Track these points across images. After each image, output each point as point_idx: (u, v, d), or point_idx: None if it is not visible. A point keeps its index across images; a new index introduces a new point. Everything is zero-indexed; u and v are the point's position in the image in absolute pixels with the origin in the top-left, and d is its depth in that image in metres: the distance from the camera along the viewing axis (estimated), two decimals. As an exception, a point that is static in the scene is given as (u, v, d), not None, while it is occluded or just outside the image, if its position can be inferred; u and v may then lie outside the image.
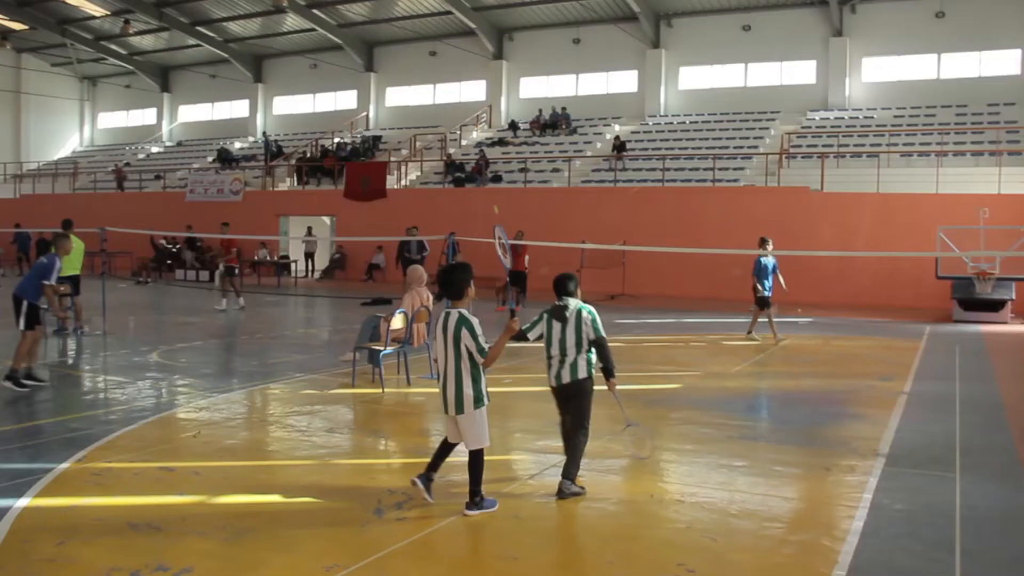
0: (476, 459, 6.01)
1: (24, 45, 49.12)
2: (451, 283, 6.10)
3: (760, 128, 32.29)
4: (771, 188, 26.93)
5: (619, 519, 6.15)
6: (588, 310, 6.66)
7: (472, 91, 40.06)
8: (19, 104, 51.23)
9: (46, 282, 10.72)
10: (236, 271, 21.23)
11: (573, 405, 6.66)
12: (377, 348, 10.86)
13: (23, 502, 6.11)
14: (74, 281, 15.57)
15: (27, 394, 10.23)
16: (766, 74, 34.19)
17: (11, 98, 50.78)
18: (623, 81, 36.96)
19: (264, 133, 44.04)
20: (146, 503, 6.21)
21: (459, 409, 5.96)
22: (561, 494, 6.48)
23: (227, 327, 17.92)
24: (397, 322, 10.87)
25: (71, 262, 15.54)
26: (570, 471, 6.58)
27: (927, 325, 19.39)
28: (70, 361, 13.25)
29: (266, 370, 12.27)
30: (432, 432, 9.02)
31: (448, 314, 5.98)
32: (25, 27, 45.96)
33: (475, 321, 5.94)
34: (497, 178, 32.21)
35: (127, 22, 41.34)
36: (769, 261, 15.97)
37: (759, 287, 15.95)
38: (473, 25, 37.21)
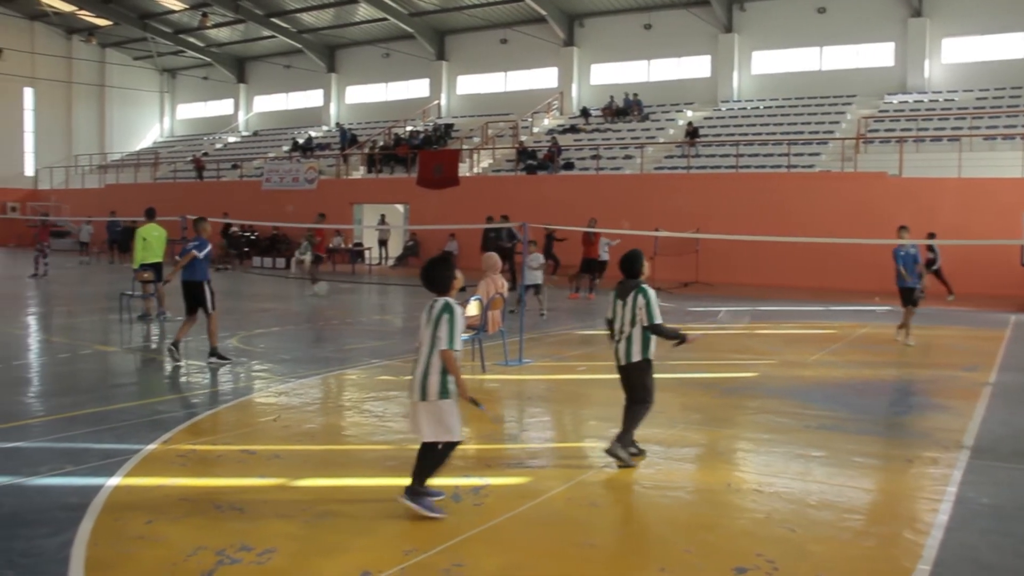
0: (428, 454, 5.68)
1: (108, 40, 50.58)
2: (432, 280, 5.83)
3: (836, 112, 31.69)
4: (848, 174, 26.43)
5: (696, 508, 6.12)
6: (644, 293, 6.77)
7: (543, 78, 40.00)
8: (103, 97, 52.82)
9: (201, 253, 11.68)
10: (322, 259, 22.30)
11: (634, 383, 6.82)
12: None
13: (113, 481, 6.32)
14: (157, 268, 15.99)
15: (123, 377, 10.56)
16: (842, 57, 33.51)
17: (96, 91, 52.38)
18: (695, 66, 36.57)
19: (338, 123, 44.62)
20: (229, 485, 6.36)
21: (422, 395, 5.66)
22: (609, 451, 6.68)
23: (303, 313, 18.22)
24: (472, 309, 10.93)
25: (153, 250, 15.99)
26: (623, 438, 6.73)
27: (1012, 314, 18.86)
28: (153, 346, 13.60)
29: (342, 356, 12.45)
30: (507, 419, 9.07)
31: (435, 301, 5.79)
32: (109, 23, 47.33)
33: (458, 312, 5.70)
34: (569, 165, 32.16)
35: (205, 15, 42.27)
36: (909, 251, 14.43)
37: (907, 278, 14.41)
38: (544, 12, 37.15)
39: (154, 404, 9.10)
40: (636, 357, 6.79)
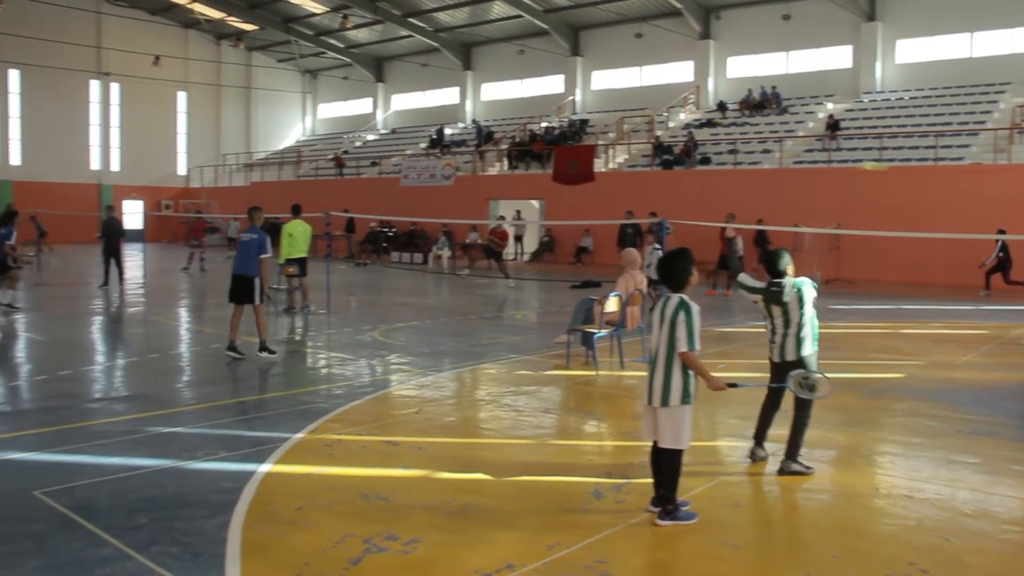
0: (672, 461, 5.51)
1: (254, 44, 52.67)
2: (672, 273, 5.60)
3: (987, 101, 30.13)
4: (1000, 166, 25.14)
5: (843, 512, 5.94)
6: (806, 286, 6.56)
7: (679, 72, 39.45)
8: (249, 99, 54.99)
9: (264, 256, 11.57)
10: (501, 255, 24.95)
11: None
12: (591, 330, 10.93)
13: (265, 468, 6.58)
14: (301, 263, 16.52)
15: (264, 367, 10.98)
16: (995, 42, 31.69)
17: (243, 94, 54.61)
18: (836, 57, 35.36)
19: (474, 120, 45.14)
20: (374, 475, 6.52)
21: (664, 401, 5.46)
22: (781, 471, 6.48)
23: (441, 308, 18.52)
24: (611, 305, 10.91)
25: (299, 245, 16.52)
26: (791, 451, 6.54)
27: None
28: (298, 338, 14.06)
29: (480, 350, 12.58)
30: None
31: (668, 298, 5.59)
32: (255, 27, 49.26)
33: (695, 309, 5.50)
34: (706, 160, 31.67)
35: (345, 17, 43.37)
36: None
37: None
38: (679, 5, 36.65)
39: (300, 395, 9.40)
40: (807, 351, 6.49)
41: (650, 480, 5.70)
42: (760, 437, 6.85)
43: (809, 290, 6.54)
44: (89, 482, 6.19)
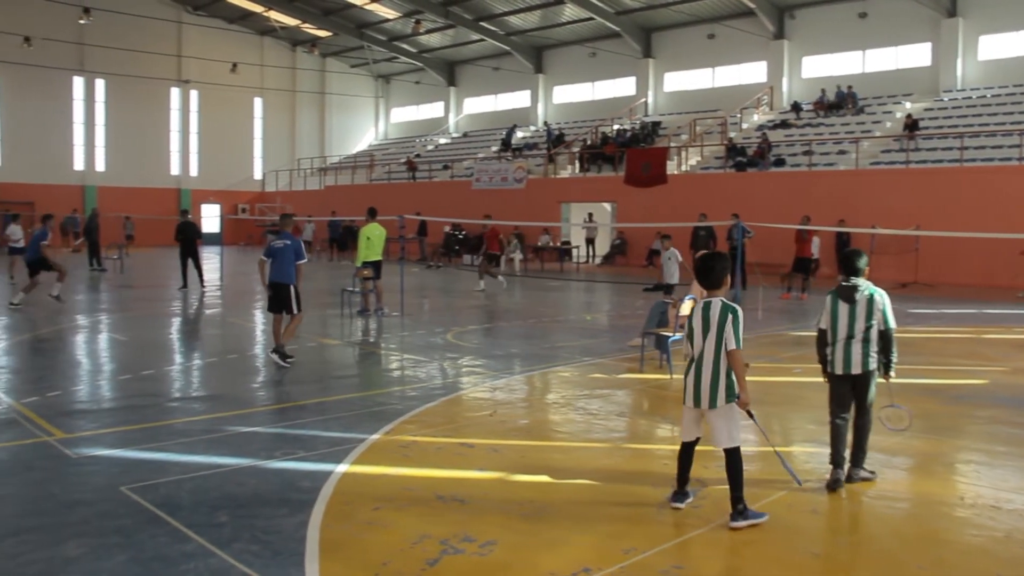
0: (735, 461, 5.53)
1: (328, 50, 53.50)
2: (712, 270, 5.67)
3: (1078, 99, 29.18)
4: (1091, 166, 24.32)
5: (925, 522, 5.80)
6: (881, 294, 6.29)
7: (752, 73, 38.96)
8: (323, 104, 55.83)
9: (301, 262, 11.51)
10: (495, 258, 24.22)
11: (859, 393, 6.36)
12: (665, 334, 10.86)
13: (342, 468, 6.66)
14: (376, 266, 16.70)
15: (345, 368, 11.12)
16: (1085, 37, 30.69)
17: (317, 99, 55.51)
18: (914, 55, 34.52)
19: (546, 123, 45.18)
20: (450, 476, 6.56)
21: (713, 403, 5.54)
22: (849, 479, 6.32)
23: (513, 311, 18.55)
24: (686, 308, 10.81)
25: (375, 248, 16.71)
26: (858, 458, 6.39)
27: None
28: (372, 339, 14.21)
29: (553, 353, 12.57)
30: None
31: (710, 302, 5.64)
32: (329, 33, 50.08)
33: (741, 311, 5.59)
34: (780, 162, 31.24)
35: (418, 22, 43.72)
36: None
37: None
38: (753, 5, 36.19)
39: (375, 396, 9.51)
40: (873, 364, 6.29)
41: (725, 483, 5.63)
42: (839, 459, 6.32)
43: (881, 298, 6.29)
44: (173, 479, 6.35)
